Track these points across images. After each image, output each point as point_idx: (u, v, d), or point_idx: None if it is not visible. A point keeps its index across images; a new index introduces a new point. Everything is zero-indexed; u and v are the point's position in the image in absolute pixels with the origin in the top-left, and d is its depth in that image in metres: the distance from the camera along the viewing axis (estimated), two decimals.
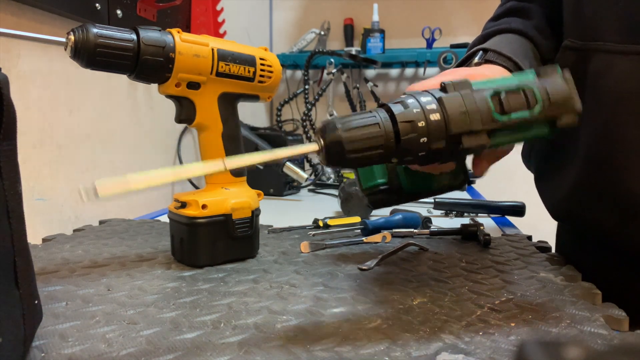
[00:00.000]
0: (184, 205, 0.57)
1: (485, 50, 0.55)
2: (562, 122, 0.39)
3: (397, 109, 0.38)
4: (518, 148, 0.74)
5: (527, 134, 0.41)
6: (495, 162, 0.50)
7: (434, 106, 0.38)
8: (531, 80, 0.40)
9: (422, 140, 0.37)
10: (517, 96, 0.39)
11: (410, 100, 0.38)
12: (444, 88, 0.39)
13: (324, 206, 1.07)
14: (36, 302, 0.36)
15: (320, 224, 0.79)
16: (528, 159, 0.70)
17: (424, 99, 0.38)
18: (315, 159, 1.41)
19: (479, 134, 0.38)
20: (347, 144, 0.36)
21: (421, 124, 0.37)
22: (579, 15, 0.55)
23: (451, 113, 0.37)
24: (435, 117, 0.37)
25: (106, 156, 0.95)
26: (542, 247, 0.67)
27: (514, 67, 0.53)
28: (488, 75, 0.46)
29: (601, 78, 0.53)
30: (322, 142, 0.36)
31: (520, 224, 0.89)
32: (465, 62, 0.59)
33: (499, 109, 0.38)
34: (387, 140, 0.37)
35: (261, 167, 1.09)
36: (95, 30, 0.48)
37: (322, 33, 2.00)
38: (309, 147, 0.37)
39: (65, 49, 0.49)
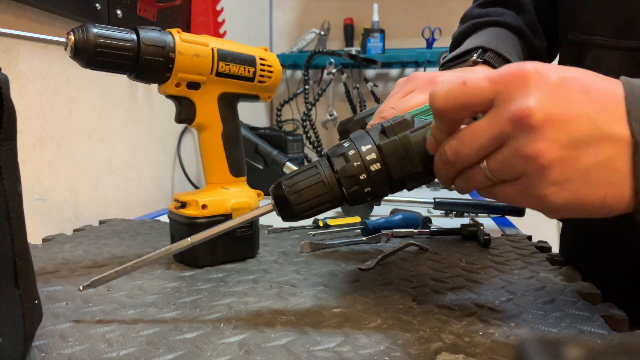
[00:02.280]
0: (184, 205, 0.57)
1: (484, 49, 0.54)
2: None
3: (338, 163, 0.39)
4: None
5: None
6: None
7: (374, 155, 0.38)
8: None
9: (366, 190, 0.39)
10: None
11: (351, 152, 0.39)
12: (384, 131, 0.39)
13: None
14: (36, 302, 0.36)
15: (320, 224, 0.79)
16: None
17: (364, 149, 0.38)
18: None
19: (421, 174, 0.38)
20: (295, 206, 0.39)
21: (363, 176, 0.38)
22: (578, 9, 0.55)
23: (391, 161, 0.38)
24: (375, 167, 0.38)
25: (106, 156, 0.95)
26: (542, 247, 0.66)
27: (502, 62, 0.53)
28: None
29: None
30: (274, 203, 0.40)
31: (520, 224, 0.89)
32: (462, 57, 0.57)
33: None
34: (333, 195, 0.39)
35: (261, 167, 1.09)
36: (95, 30, 0.48)
37: (322, 33, 2.00)
38: (265, 208, 0.41)
39: (65, 49, 0.49)
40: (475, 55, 0.54)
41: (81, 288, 0.42)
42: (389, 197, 1.02)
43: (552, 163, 0.30)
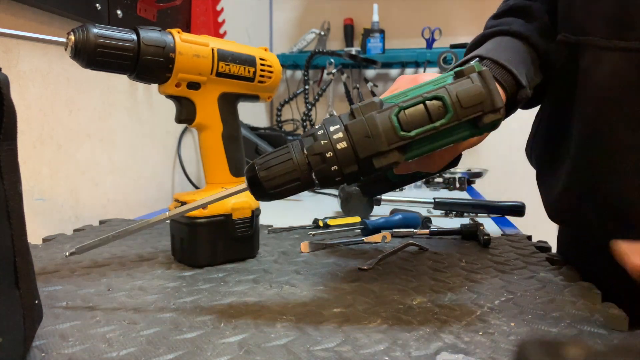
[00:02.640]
0: (184, 205, 0.57)
1: (481, 58, 0.55)
2: (485, 122, 0.39)
3: (307, 142, 0.40)
4: (520, 145, 0.74)
5: (449, 139, 0.41)
6: (464, 150, 0.49)
7: (340, 134, 0.39)
8: (445, 85, 0.39)
9: (333, 168, 0.40)
10: (420, 111, 0.39)
11: (320, 132, 0.40)
12: (352, 113, 0.40)
13: (324, 206, 1.07)
14: (36, 302, 0.36)
15: (320, 224, 0.79)
16: (530, 155, 0.70)
17: (332, 128, 0.40)
18: None
19: (388, 153, 0.39)
20: (265, 182, 0.40)
21: (329, 154, 0.39)
22: (571, 9, 0.55)
23: (356, 139, 0.39)
24: (342, 145, 0.39)
25: (106, 156, 0.95)
26: (542, 247, 0.67)
27: (508, 76, 0.52)
28: None
29: (590, 74, 0.52)
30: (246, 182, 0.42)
31: (520, 224, 0.89)
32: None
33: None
34: (302, 173, 0.40)
35: None
36: (95, 30, 0.48)
37: (322, 33, 2.00)
38: (238, 187, 0.43)
39: (66, 49, 0.49)
40: (472, 63, 0.54)
41: (67, 254, 0.44)
42: (389, 197, 1.02)
43: None
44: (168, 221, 0.52)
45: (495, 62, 0.53)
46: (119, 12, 0.92)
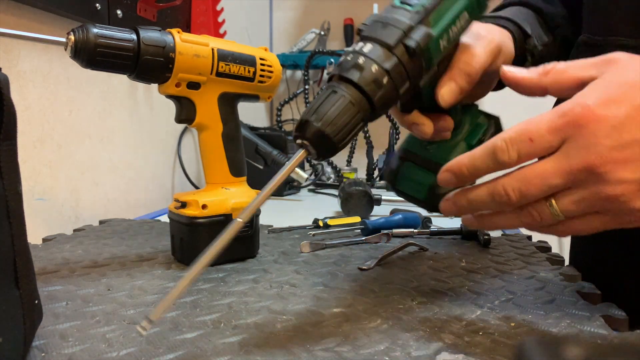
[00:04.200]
0: (184, 205, 0.57)
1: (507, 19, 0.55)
2: None
3: (354, 75, 0.36)
4: None
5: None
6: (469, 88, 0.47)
7: (381, 53, 0.37)
8: None
9: (391, 89, 0.37)
10: None
11: (362, 60, 0.36)
12: (360, 31, 0.39)
13: (324, 206, 1.07)
14: (36, 302, 0.36)
15: (320, 224, 0.79)
16: None
17: (367, 50, 0.37)
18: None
19: (415, 28, 0.37)
20: (334, 137, 0.35)
21: (385, 79, 0.36)
22: (596, 8, 0.55)
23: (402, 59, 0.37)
24: (391, 62, 0.37)
25: (106, 156, 0.95)
26: (542, 247, 0.67)
27: (512, 25, 0.52)
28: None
29: None
30: (310, 146, 0.36)
31: None
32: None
33: None
34: (365, 113, 0.37)
35: (261, 167, 1.09)
36: (95, 30, 0.48)
37: (322, 33, 2.00)
38: (298, 157, 0.37)
39: (66, 49, 0.49)
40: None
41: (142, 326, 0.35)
42: (389, 197, 1.02)
43: (633, 196, 0.33)
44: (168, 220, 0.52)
45: (497, 17, 0.53)
46: (119, 12, 0.92)
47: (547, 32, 0.58)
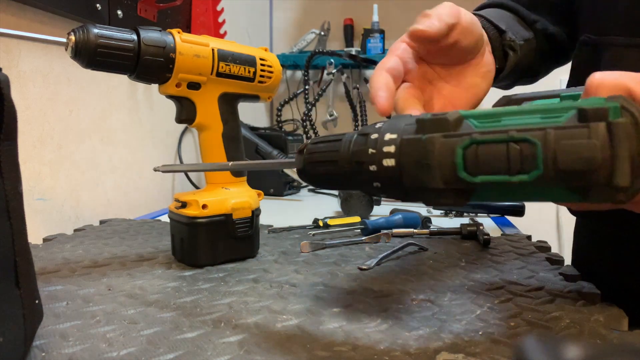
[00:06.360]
0: (184, 205, 0.57)
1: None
2: (591, 196, 0.26)
3: (357, 143, 0.34)
4: None
5: (531, 197, 0.30)
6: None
7: (392, 149, 0.31)
8: (550, 126, 0.26)
9: (375, 184, 0.33)
10: (498, 153, 0.27)
11: (374, 137, 0.33)
12: (417, 122, 0.31)
13: (324, 206, 1.07)
14: (37, 301, 0.36)
15: (320, 224, 0.79)
16: None
17: (387, 137, 0.32)
18: None
19: (442, 193, 0.30)
20: (312, 177, 0.37)
21: (372, 167, 0.32)
22: (593, 8, 0.56)
23: (405, 162, 0.31)
24: (389, 162, 0.31)
25: (107, 156, 0.95)
26: (542, 247, 0.67)
27: (485, 21, 0.52)
28: None
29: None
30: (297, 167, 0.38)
31: (520, 223, 0.89)
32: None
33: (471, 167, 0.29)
34: (344, 175, 0.35)
35: None
36: (95, 30, 0.48)
37: (322, 33, 2.00)
38: (287, 163, 0.39)
39: (66, 49, 0.49)
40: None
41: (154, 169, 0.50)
42: None
43: None
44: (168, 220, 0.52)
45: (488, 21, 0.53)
46: (119, 12, 0.92)
47: (526, 28, 0.58)
